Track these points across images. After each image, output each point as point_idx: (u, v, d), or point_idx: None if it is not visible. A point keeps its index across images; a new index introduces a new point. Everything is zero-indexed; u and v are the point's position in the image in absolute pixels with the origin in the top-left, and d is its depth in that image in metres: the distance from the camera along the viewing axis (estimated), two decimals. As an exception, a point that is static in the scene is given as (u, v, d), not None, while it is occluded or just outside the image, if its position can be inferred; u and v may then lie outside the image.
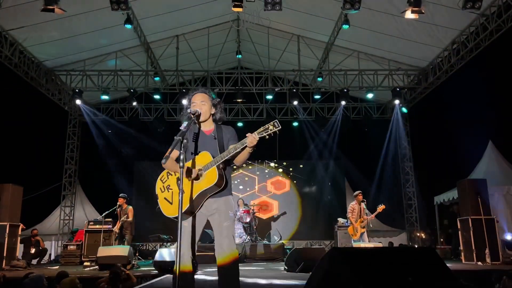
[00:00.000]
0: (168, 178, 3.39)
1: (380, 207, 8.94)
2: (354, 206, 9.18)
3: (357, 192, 9.32)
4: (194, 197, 3.19)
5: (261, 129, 3.11)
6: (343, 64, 13.18)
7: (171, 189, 3.33)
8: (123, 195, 9.93)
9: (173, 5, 11.14)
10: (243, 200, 12.59)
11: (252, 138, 3.09)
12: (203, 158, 3.25)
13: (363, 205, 9.09)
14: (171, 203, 3.29)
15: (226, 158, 3.19)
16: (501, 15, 9.60)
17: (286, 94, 14.03)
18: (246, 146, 3.14)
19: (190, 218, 3.26)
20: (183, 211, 3.15)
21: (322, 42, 12.93)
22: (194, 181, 3.21)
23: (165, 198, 3.34)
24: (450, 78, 12.54)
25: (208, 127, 3.43)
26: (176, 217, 3.21)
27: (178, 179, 3.30)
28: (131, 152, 14.79)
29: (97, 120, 14.50)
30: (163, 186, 3.38)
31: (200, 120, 3.37)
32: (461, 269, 7.54)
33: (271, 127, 3.07)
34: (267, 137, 3.10)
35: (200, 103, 3.37)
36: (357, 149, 15.04)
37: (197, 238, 3.31)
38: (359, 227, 8.96)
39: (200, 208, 3.27)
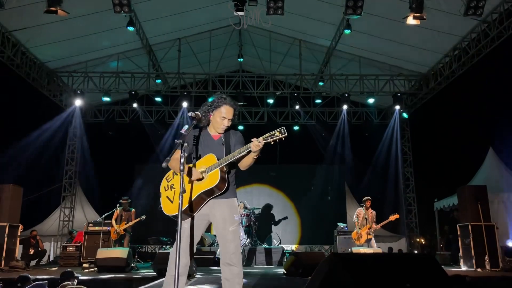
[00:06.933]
0: (173, 177, 3.40)
1: (393, 216, 8.76)
2: (360, 211, 9.11)
3: (365, 198, 9.22)
4: (193, 197, 3.19)
5: (267, 134, 3.07)
6: (344, 69, 13.21)
7: (174, 188, 3.34)
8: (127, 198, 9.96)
9: (176, 8, 11.18)
10: (243, 203, 12.57)
11: (256, 143, 3.06)
12: (208, 160, 3.25)
13: (371, 211, 9.01)
14: (172, 202, 3.30)
15: (230, 161, 3.18)
16: (503, 21, 9.64)
17: (287, 98, 14.04)
18: (250, 151, 3.11)
19: (189, 220, 3.25)
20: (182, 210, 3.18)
21: (323, 46, 12.96)
22: (197, 182, 3.21)
23: (167, 197, 3.35)
24: (451, 84, 12.56)
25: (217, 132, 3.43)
26: (175, 216, 3.23)
27: None
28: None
29: (98, 122, 14.50)
30: (167, 185, 3.40)
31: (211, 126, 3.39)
32: (460, 276, 7.50)
33: (277, 134, 3.04)
34: (272, 143, 3.07)
35: (228, 121, 3.33)
36: (358, 153, 15.04)
37: (196, 240, 3.31)
38: (363, 233, 8.87)
39: (200, 210, 3.25)
